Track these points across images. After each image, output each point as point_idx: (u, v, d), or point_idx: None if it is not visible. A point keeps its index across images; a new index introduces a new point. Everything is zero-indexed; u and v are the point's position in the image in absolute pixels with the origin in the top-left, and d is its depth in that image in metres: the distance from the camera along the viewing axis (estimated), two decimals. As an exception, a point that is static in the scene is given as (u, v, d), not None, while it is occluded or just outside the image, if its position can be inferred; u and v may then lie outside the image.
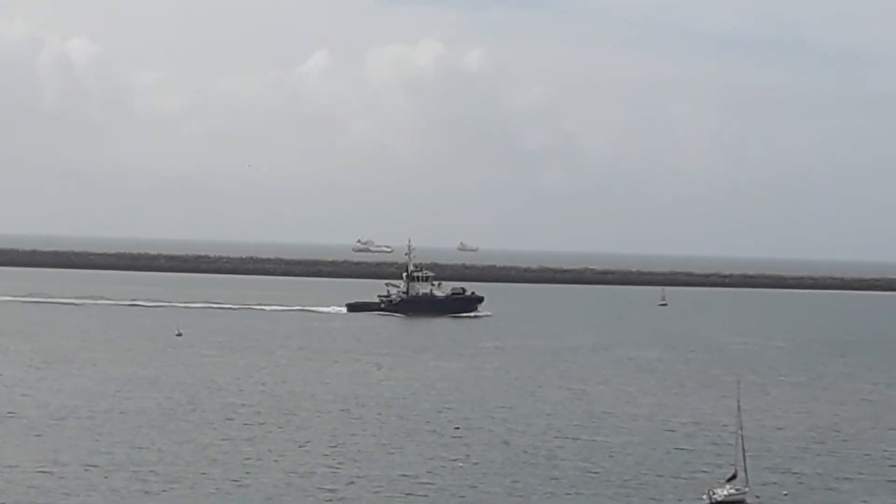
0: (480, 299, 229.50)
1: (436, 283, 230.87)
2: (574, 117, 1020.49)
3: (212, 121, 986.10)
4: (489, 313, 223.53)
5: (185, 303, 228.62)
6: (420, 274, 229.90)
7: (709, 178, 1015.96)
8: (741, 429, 75.61)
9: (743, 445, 74.44)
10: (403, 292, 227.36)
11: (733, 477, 73.53)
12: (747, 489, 72.92)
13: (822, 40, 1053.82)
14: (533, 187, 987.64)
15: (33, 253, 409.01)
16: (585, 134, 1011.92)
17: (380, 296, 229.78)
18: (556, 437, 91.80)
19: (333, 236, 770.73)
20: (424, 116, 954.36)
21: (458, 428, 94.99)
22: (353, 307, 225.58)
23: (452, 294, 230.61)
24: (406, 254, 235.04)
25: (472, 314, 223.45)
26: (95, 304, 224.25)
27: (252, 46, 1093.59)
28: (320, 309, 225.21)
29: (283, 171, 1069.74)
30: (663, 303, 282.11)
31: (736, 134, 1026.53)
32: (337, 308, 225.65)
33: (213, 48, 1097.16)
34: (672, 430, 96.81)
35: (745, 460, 73.71)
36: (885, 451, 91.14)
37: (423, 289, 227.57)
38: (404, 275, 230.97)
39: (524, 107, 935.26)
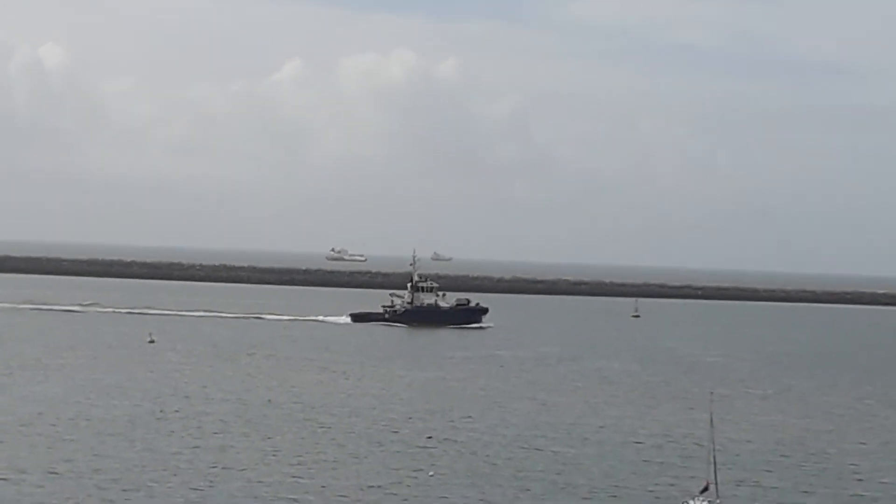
0: (485, 310, 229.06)
1: (440, 293, 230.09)
2: (545, 129, 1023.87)
3: (183, 129, 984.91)
4: (492, 324, 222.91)
5: (164, 310, 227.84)
6: (425, 284, 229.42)
7: (680, 191, 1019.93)
8: (713, 441, 75.34)
9: (715, 458, 74.20)
10: (408, 303, 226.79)
11: (705, 489, 73.27)
12: (719, 501, 72.69)
13: (793, 55, 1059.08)
14: (504, 198, 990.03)
15: (5, 259, 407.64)
16: (556, 146, 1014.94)
17: (384, 306, 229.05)
18: (523, 449, 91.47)
19: (305, 245, 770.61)
20: (396, 126, 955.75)
21: (430, 437, 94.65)
22: (356, 317, 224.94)
23: (457, 305, 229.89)
24: (410, 264, 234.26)
25: (476, 325, 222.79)
26: (68, 310, 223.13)
27: (224, 55, 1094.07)
28: (324, 319, 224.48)
29: (254, 179, 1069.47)
30: (636, 314, 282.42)
31: (706, 147, 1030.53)
32: (341, 318, 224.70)
33: (184, 56, 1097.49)
34: (641, 442, 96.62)
35: (715, 473, 73.48)
36: (852, 464, 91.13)
37: (427, 299, 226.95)
38: (409, 285, 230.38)
39: (495, 118, 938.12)
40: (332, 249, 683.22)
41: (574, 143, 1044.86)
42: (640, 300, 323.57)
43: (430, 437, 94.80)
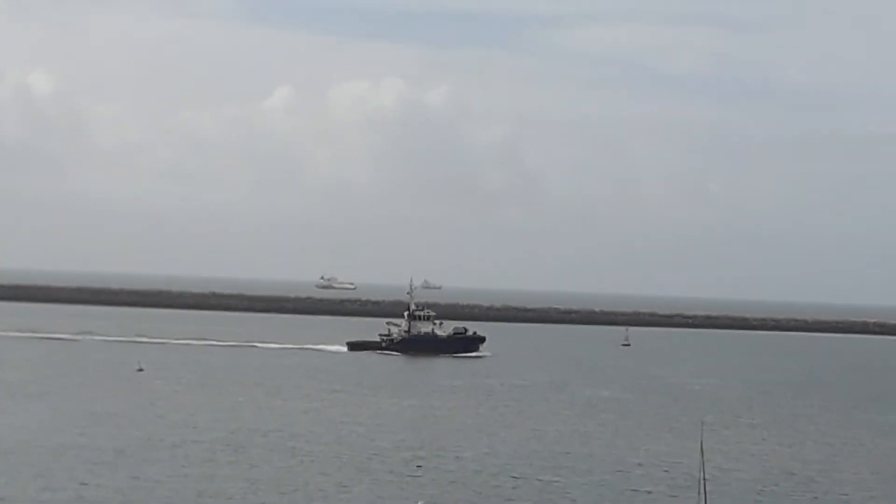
0: (482, 339, 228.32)
1: (437, 322, 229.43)
2: (536, 155, 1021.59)
3: (172, 154, 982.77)
4: (489, 353, 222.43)
5: (154, 338, 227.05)
6: (422, 313, 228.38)
7: (671, 218, 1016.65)
8: (704, 471, 74.84)
9: (705, 488, 73.67)
10: (405, 331, 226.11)
11: (695, 519, 72.81)
12: (709, 531, 72.22)
13: (785, 82, 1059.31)
14: (495, 225, 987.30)
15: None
16: (547, 172, 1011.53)
17: (381, 334, 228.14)
18: (512, 478, 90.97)
19: (294, 273, 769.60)
20: (386, 153, 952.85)
21: (419, 466, 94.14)
22: (353, 346, 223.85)
23: (454, 333, 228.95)
24: (408, 293, 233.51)
25: (473, 354, 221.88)
26: (56, 338, 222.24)
27: (214, 81, 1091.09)
28: (320, 347, 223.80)
29: (243, 206, 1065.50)
30: (626, 343, 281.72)
31: (698, 173, 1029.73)
32: (337, 347, 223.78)
33: (174, 82, 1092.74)
34: (630, 472, 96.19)
35: (706, 503, 72.95)
36: (843, 494, 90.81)
37: (424, 328, 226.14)
38: (406, 314, 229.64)
39: (486, 144, 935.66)
40: (322, 277, 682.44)
41: (565, 169, 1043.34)
42: (631, 329, 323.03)
43: (419, 466, 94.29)
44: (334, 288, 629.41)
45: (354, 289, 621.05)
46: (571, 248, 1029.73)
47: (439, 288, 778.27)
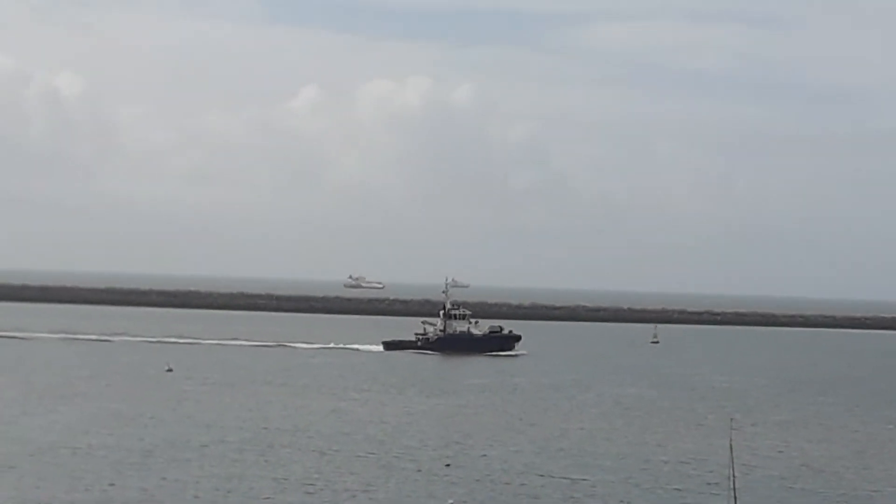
0: (518, 338, 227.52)
1: (473, 321, 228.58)
2: (562, 154, 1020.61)
3: (199, 156, 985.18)
4: (525, 352, 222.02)
5: (184, 339, 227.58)
6: (457, 312, 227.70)
7: (697, 216, 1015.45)
8: (733, 468, 74.58)
9: (734, 485, 73.48)
10: (440, 330, 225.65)
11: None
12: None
13: (807, 78, 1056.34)
14: (521, 223, 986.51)
15: (23, 288, 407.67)
16: (573, 170, 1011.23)
17: (416, 334, 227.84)
18: (538, 476, 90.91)
19: (322, 272, 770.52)
20: (412, 152, 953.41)
21: (448, 465, 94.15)
22: (389, 345, 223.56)
23: (490, 332, 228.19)
24: (443, 291, 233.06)
25: (509, 353, 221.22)
26: (86, 339, 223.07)
27: (239, 82, 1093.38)
28: (357, 347, 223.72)
29: (270, 207, 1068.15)
30: (655, 340, 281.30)
31: (723, 171, 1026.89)
32: (374, 346, 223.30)
33: (200, 83, 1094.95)
34: (657, 469, 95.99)
35: (735, 500, 72.76)
36: (874, 490, 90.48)
37: (460, 327, 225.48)
38: (441, 312, 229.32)
39: (512, 143, 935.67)
40: (350, 276, 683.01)
41: (590, 167, 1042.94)
42: (660, 326, 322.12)
43: (448, 465, 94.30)
44: (362, 287, 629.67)
45: (382, 288, 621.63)
46: (597, 246, 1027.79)
47: (467, 286, 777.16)
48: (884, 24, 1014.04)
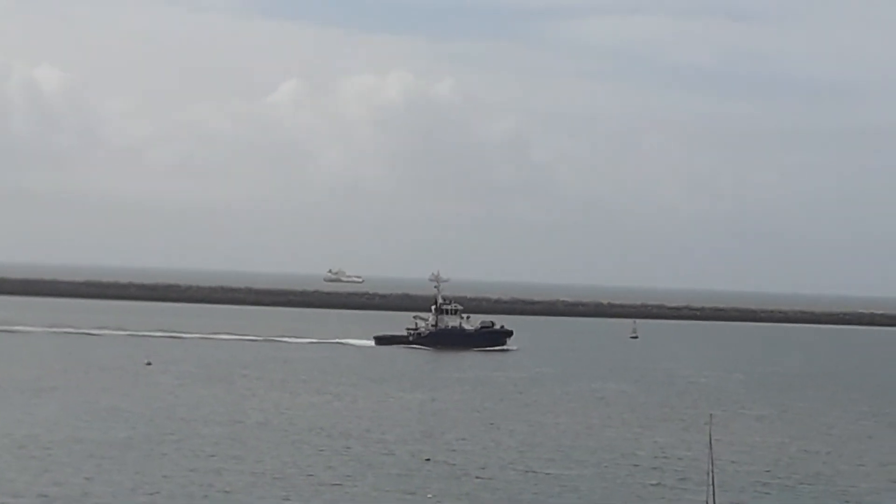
0: (509, 333, 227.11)
1: (465, 316, 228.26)
2: (544, 149, 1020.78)
3: (181, 149, 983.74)
4: (516, 347, 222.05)
5: (160, 332, 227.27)
6: (449, 307, 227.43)
7: (680, 211, 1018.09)
8: (712, 463, 74.67)
9: (713, 480, 73.57)
10: (432, 325, 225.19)
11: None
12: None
13: (795, 73, 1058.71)
14: (503, 218, 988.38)
15: (2, 281, 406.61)
16: (556, 166, 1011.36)
17: (408, 329, 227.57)
18: (517, 471, 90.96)
19: (302, 266, 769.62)
20: (394, 147, 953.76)
21: (428, 460, 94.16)
22: (380, 340, 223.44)
23: (482, 327, 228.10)
24: (435, 286, 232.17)
25: (501, 348, 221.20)
26: (64, 332, 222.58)
27: (222, 75, 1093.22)
28: (348, 341, 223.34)
29: (252, 201, 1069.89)
30: (634, 335, 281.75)
31: (708, 167, 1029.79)
32: (365, 341, 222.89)
33: (182, 77, 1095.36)
34: (636, 464, 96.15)
35: (714, 496, 72.86)
36: (850, 486, 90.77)
37: (452, 322, 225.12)
38: (433, 307, 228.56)
39: (495, 137, 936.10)
40: (330, 271, 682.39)
41: (574, 163, 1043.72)
42: (639, 321, 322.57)
43: (428, 460, 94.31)
44: (342, 281, 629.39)
45: (362, 282, 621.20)
46: (579, 241, 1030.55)
47: (447, 281, 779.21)
48: (874, 19, 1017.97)
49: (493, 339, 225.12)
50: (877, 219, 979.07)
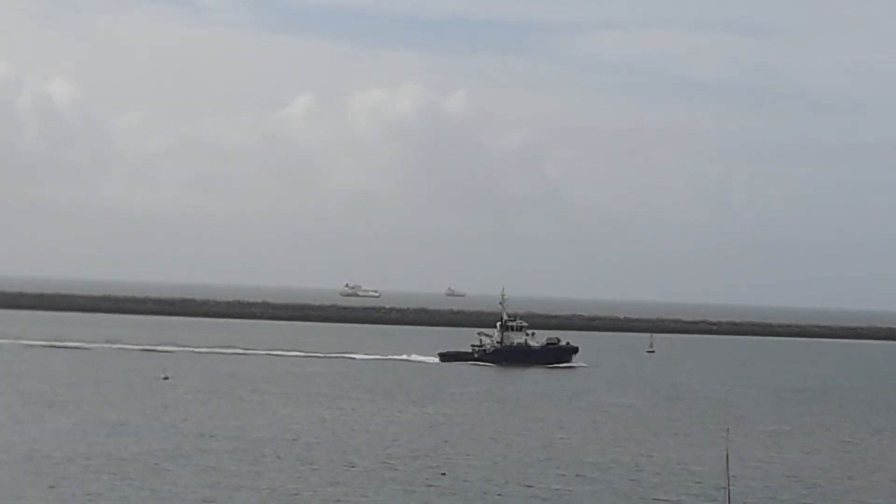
0: (575, 349, 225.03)
1: (530, 332, 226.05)
2: (556, 163, 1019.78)
3: (194, 163, 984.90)
4: (584, 364, 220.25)
5: (183, 347, 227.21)
6: (514, 323, 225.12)
7: (692, 225, 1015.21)
8: (729, 479, 74.26)
9: (729, 496, 73.25)
10: (497, 342, 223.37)
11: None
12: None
13: (804, 88, 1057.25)
14: (516, 232, 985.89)
15: (19, 295, 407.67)
16: (568, 179, 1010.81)
17: (473, 345, 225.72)
18: (525, 486, 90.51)
19: (316, 280, 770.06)
20: (406, 160, 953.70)
21: (444, 474, 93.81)
22: (445, 356, 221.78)
23: (547, 344, 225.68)
24: (500, 303, 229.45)
25: (567, 364, 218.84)
26: (81, 347, 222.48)
27: (234, 90, 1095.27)
28: (412, 358, 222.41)
29: (265, 214, 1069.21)
30: (651, 350, 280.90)
31: (719, 180, 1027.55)
32: (429, 358, 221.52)
33: (195, 90, 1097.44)
34: (647, 480, 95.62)
35: (730, 510, 72.46)
36: (861, 501, 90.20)
37: (517, 339, 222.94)
38: (498, 324, 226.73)
39: (506, 151, 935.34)
40: (346, 285, 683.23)
41: (586, 176, 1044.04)
42: (656, 336, 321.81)
43: (443, 474, 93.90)
44: (358, 296, 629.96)
45: (378, 296, 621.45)
46: (594, 255, 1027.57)
47: (463, 296, 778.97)
48: (883, 34, 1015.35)
49: (559, 355, 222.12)
50: (889, 232, 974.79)
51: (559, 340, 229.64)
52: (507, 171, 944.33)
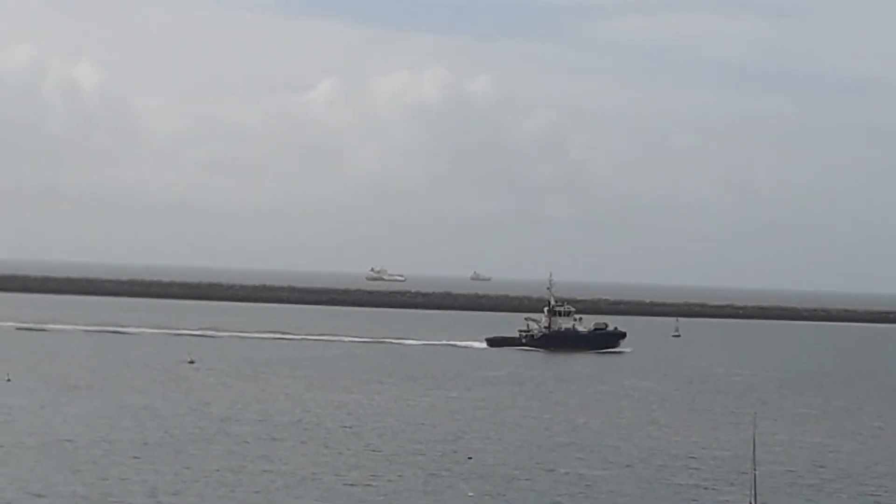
0: (623, 335, 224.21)
1: (577, 317, 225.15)
2: (581, 146, 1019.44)
3: (218, 147, 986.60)
4: (631, 349, 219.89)
5: (206, 331, 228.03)
6: (562, 308, 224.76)
7: (716, 208, 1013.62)
8: (755, 463, 73.94)
9: (755, 481, 72.95)
10: (545, 327, 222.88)
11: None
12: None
13: (829, 71, 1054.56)
14: (540, 216, 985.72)
15: (45, 280, 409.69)
16: (592, 163, 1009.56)
17: (520, 330, 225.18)
18: (551, 471, 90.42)
19: (342, 265, 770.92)
20: (430, 144, 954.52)
21: (470, 458, 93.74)
22: (493, 342, 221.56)
23: (595, 329, 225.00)
24: (547, 288, 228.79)
25: (614, 349, 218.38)
26: (108, 331, 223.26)
27: (258, 73, 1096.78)
28: (460, 343, 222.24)
29: (288, 198, 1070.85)
30: (676, 334, 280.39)
31: (743, 164, 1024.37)
32: (477, 343, 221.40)
33: (219, 74, 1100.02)
34: (674, 464, 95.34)
35: (755, 496, 72.20)
36: (880, 485, 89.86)
37: (565, 324, 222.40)
38: (546, 309, 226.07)
39: (531, 135, 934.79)
40: (372, 269, 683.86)
41: (610, 160, 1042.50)
42: (681, 320, 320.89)
43: (470, 458, 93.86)
44: (384, 280, 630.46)
45: (404, 281, 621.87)
46: (618, 239, 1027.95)
47: (489, 279, 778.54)
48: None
49: (606, 340, 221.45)
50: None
51: (607, 326, 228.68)
52: (531, 155, 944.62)
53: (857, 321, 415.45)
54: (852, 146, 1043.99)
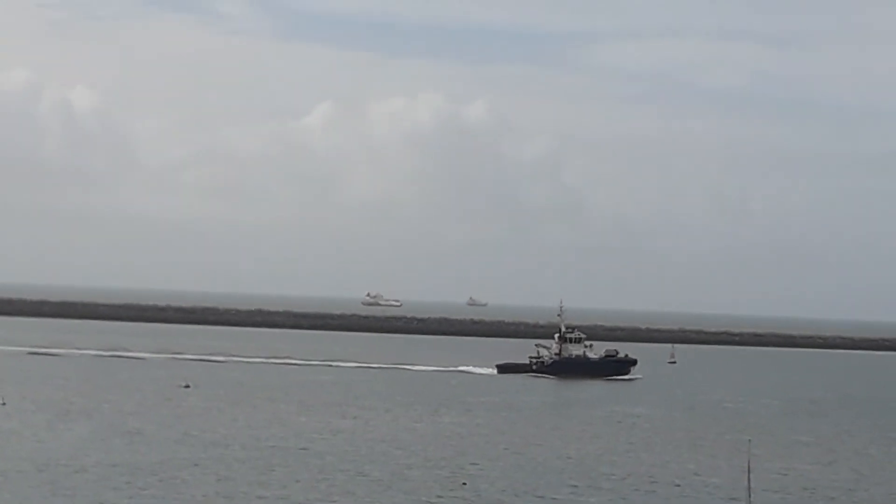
0: (634, 362, 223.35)
1: (588, 344, 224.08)
2: (576, 172, 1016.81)
3: (214, 171, 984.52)
4: (640, 376, 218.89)
5: (200, 356, 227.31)
6: (572, 335, 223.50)
7: (712, 235, 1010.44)
8: (750, 490, 73.88)
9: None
10: (556, 354, 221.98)
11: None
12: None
13: (826, 99, 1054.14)
14: (536, 241, 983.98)
15: (42, 303, 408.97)
16: (588, 189, 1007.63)
17: (531, 357, 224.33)
18: (541, 498, 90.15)
19: (338, 290, 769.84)
20: (426, 169, 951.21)
21: (465, 484, 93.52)
22: (503, 368, 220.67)
23: (606, 356, 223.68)
24: (558, 314, 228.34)
25: (625, 377, 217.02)
26: (104, 355, 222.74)
27: (254, 98, 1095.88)
28: (470, 370, 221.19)
29: (284, 223, 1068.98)
30: (672, 360, 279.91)
31: (740, 190, 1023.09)
32: (486, 370, 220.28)
33: (215, 99, 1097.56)
34: (666, 491, 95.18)
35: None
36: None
37: (575, 350, 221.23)
38: (556, 336, 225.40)
39: (526, 160, 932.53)
40: (368, 294, 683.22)
41: (606, 186, 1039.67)
42: (677, 346, 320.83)
43: (464, 484, 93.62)
44: (380, 305, 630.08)
45: (400, 306, 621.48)
46: (614, 265, 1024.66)
47: (485, 305, 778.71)
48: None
49: (617, 368, 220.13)
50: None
51: (617, 352, 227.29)
52: (526, 180, 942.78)
53: (852, 348, 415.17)
54: (850, 173, 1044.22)
